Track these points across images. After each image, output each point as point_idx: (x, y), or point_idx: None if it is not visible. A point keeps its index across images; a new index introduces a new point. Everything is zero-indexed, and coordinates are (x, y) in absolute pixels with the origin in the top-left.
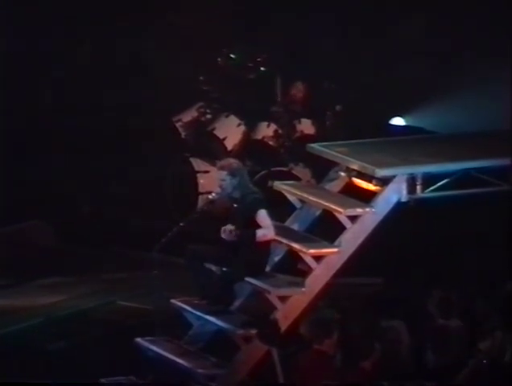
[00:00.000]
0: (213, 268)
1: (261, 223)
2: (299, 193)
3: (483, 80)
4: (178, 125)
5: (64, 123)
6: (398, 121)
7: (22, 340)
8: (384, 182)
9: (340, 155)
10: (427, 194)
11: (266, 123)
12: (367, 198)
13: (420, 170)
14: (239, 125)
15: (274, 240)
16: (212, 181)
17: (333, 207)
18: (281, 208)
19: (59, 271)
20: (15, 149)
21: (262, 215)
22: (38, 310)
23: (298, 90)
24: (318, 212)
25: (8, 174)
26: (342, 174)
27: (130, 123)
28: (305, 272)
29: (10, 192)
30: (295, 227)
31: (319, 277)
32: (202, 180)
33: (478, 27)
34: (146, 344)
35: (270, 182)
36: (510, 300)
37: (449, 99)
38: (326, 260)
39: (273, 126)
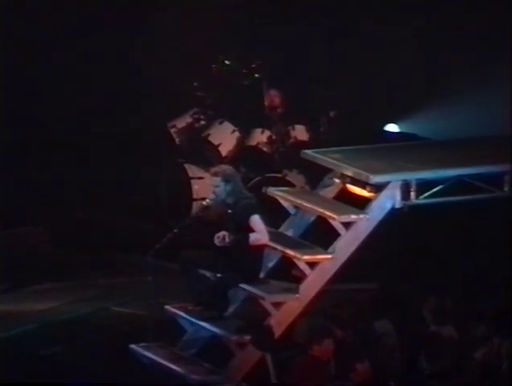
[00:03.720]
0: (208, 274)
1: (254, 228)
2: (293, 199)
3: (477, 87)
4: (172, 131)
5: (61, 129)
6: (392, 127)
7: (17, 346)
8: (378, 188)
9: (334, 161)
10: (421, 200)
11: (260, 129)
12: (361, 204)
13: (414, 176)
14: (233, 131)
15: (269, 246)
16: (207, 187)
17: (327, 213)
18: (275, 214)
19: (54, 276)
20: (13, 155)
21: (256, 220)
22: (32, 316)
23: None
24: (312, 218)
25: (5, 179)
26: (336, 180)
27: (126, 129)
28: (299, 278)
29: (6, 197)
30: (290, 233)
31: (313, 283)
32: (196, 186)
33: (475, 33)
34: (140, 350)
35: (264, 189)
36: (507, 306)
37: (443, 105)
38: (320, 267)
39: (267, 132)
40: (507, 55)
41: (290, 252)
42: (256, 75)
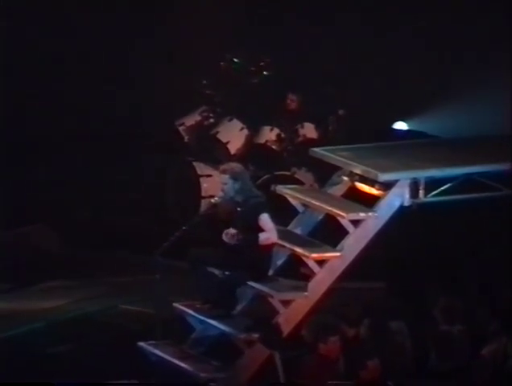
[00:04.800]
0: (216, 272)
1: (263, 227)
2: (301, 197)
3: (484, 85)
4: (181, 128)
5: (66, 128)
6: (400, 125)
7: (24, 344)
8: (387, 186)
9: (343, 159)
10: (430, 198)
11: (269, 127)
12: (370, 202)
13: (423, 174)
14: (242, 129)
15: (277, 244)
16: (215, 185)
17: (336, 211)
18: (284, 212)
19: (62, 275)
20: (18, 154)
21: (265, 219)
22: (40, 314)
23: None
24: (321, 216)
25: (10, 178)
26: (345, 178)
27: (133, 127)
28: (308, 276)
29: (12, 196)
30: (298, 231)
31: (321, 282)
32: (205, 184)
33: (479, 31)
34: (149, 348)
35: (272, 186)
36: None
37: (451, 104)
38: (329, 265)
39: (276, 130)
40: None
41: (298, 250)
42: (264, 72)
